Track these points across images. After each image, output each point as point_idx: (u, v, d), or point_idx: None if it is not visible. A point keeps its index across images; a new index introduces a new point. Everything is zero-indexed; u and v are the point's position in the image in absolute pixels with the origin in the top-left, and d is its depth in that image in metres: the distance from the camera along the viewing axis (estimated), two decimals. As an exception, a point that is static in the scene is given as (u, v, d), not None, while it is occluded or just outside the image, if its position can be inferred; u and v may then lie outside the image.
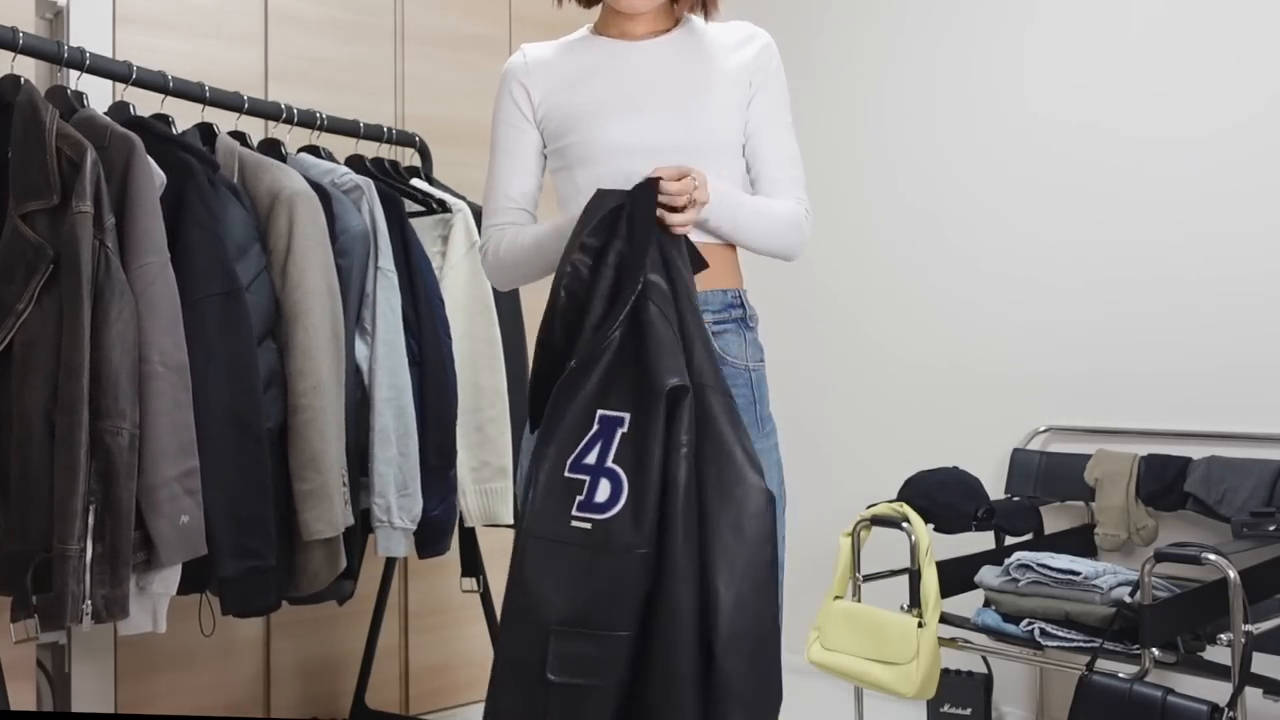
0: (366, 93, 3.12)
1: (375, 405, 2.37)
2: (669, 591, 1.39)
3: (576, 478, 1.44)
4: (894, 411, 3.43)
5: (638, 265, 1.51)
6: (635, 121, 1.70)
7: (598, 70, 1.76)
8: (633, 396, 1.46)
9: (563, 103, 1.76)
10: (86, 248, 1.87)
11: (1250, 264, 2.68)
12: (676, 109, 1.72)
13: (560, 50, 1.81)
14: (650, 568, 1.40)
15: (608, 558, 1.40)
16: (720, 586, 1.40)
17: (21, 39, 2.11)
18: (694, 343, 1.52)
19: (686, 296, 1.55)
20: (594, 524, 1.41)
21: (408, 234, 2.55)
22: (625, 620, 1.39)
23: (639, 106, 1.71)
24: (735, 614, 1.40)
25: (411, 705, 3.18)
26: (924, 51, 3.39)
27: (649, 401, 1.44)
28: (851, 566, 2.61)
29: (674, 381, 1.42)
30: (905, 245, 3.42)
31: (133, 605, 1.94)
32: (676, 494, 1.40)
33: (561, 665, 1.38)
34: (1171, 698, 2.06)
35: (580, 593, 1.40)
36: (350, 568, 2.30)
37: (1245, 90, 2.70)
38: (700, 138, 1.71)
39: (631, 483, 1.41)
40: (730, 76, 1.75)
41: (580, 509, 1.42)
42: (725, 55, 1.77)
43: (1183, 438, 2.75)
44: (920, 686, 2.36)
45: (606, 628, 1.39)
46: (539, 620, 1.40)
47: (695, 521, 1.42)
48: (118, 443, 1.85)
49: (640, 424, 1.44)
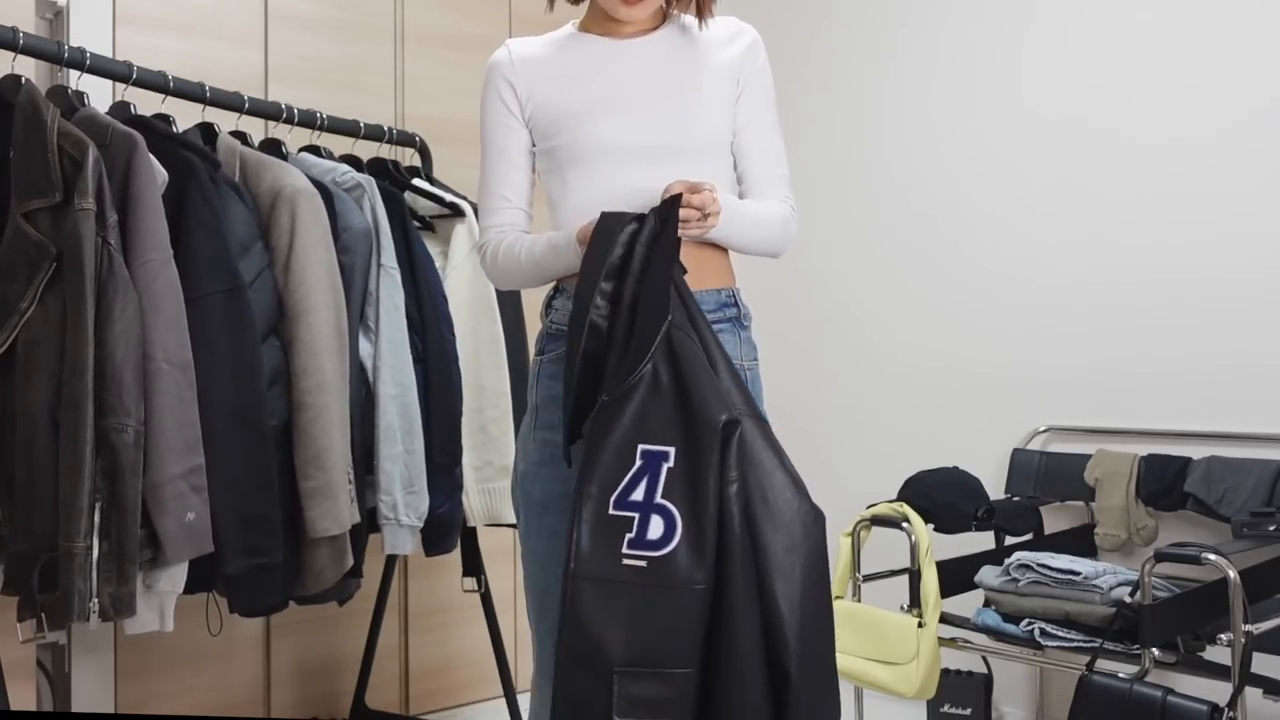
0: (366, 93, 3.12)
1: (380, 402, 2.37)
2: (732, 625, 1.38)
3: (624, 515, 1.42)
4: (894, 411, 3.44)
5: (663, 294, 1.50)
6: (626, 121, 1.70)
7: (586, 68, 1.75)
8: (676, 430, 1.44)
9: (551, 102, 1.75)
10: (89, 245, 1.87)
11: (1250, 264, 2.69)
12: (667, 108, 1.71)
13: (547, 47, 1.80)
14: (710, 602, 1.39)
15: (668, 594, 1.39)
16: (784, 610, 1.40)
17: (22, 39, 2.11)
18: (719, 367, 1.52)
19: (701, 317, 1.55)
20: (650, 561, 1.39)
21: (410, 232, 2.55)
22: (690, 657, 1.39)
23: (629, 106, 1.71)
24: (802, 636, 1.41)
25: (411, 705, 3.17)
26: (923, 51, 3.39)
27: (698, 435, 1.43)
28: (851, 566, 2.61)
29: (725, 416, 1.42)
30: (905, 245, 3.42)
31: (139, 603, 1.94)
32: (732, 525, 1.40)
33: (629, 706, 1.37)
34: (1171, 698, 2.06)
35: (642, 632, 1.39)
36: (355, 566, 2.30)
37: (1244, 90, 2.71)
38: (691, 137, 1.71)
39: (686, 517, 1.40)
40: (718, 74, 1.75)
41: (631, 546, 1.41)
42: (713, 52, 1.77)
43: (1183, 438, 2.76)
44: (920, 686, 2.36)
45: (672, 664, 1.38)
46: (601, 663, 1.39)
47: (750, 552, 1.41)
48: (123, 440, 1.85)
49: (690, 457, 1.42)
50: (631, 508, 1.42)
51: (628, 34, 1.76)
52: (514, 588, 3.40)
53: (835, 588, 2.58)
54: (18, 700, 2.29)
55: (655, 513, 1.41)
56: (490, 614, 2.82)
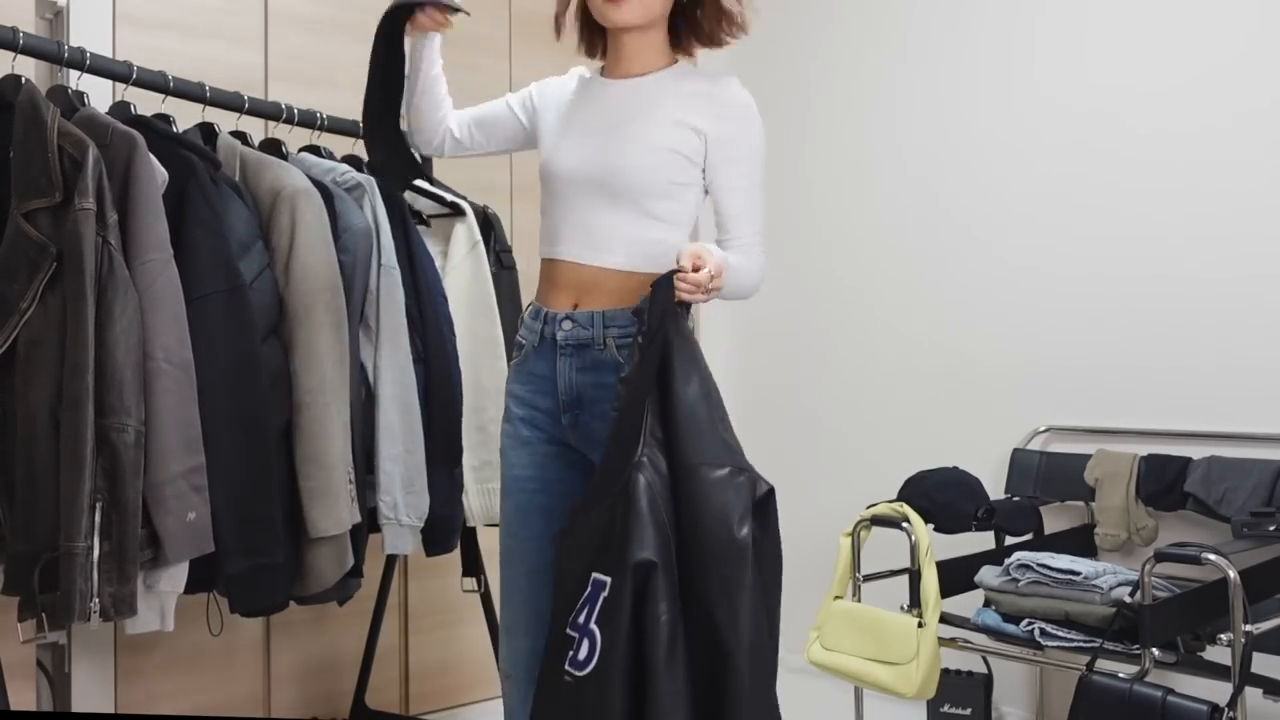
0: (366, 93, 3.12)
1: (380, 402, 2.37)
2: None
3: (571, 635, 1.61)
4: (894, 411, 3.44)
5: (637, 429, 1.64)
6: (571, 150, 1.88)
7: (578, 101, 1.94)
8: (615, 562, 1.58)
9: (545, 123, 1.98)
10: (89, 245, 1.86)
11: (1250, 264, 2.69)
12: (605, 144, 1.84)
13: (566, 85, 2.00)
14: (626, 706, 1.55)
15: (587, 709, 1.56)
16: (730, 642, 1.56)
17: (22, 39, 2.11)
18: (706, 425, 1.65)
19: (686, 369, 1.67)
20: (574, 679, 1.57)
21: (410, 232, 2.55)
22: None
23: (581, 135, 1.89)
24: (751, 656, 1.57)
25: (411, 705, 3.17)
26: (930, 51, 3.39)
27: (626, 572, 1.56)
28: (851, 566, 2.61)
29: (641, 557, 1.55)
30: (905, 246, 3.43)
31: (140, 603, 1.94)
32: (657, 656, 1.54)
33: None
34: (1171, 698, 2.06)
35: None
36: (355, 566, 2.30)
37: (1245, 91, 2.71)
38: (616, 174, 1.83)
39: (604, 642, 1.56)
40: (681, 124, 1.84)
41: (569, 664, 1.59)
42: (690, 104, 1.85)
43: (1183, 438, 2.76)
44: (920, 686, 2.36)
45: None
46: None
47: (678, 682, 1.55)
48: (123, 440, 1.85)
49: (617, 589, 1.57)
50: (576, 629, 1.60)
51: (620, 74, 1.90)
52: (514, 588, 3.40)
53: (835, 587, 2.59)
54: (18, 700, 2.29)
55: (586, 636, 1.58)
56: (490, 614, 2.82)
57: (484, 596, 2.81)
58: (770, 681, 1.64)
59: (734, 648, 1.55)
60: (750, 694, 1.55)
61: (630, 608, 1.54)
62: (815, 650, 2.55)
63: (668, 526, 1.60)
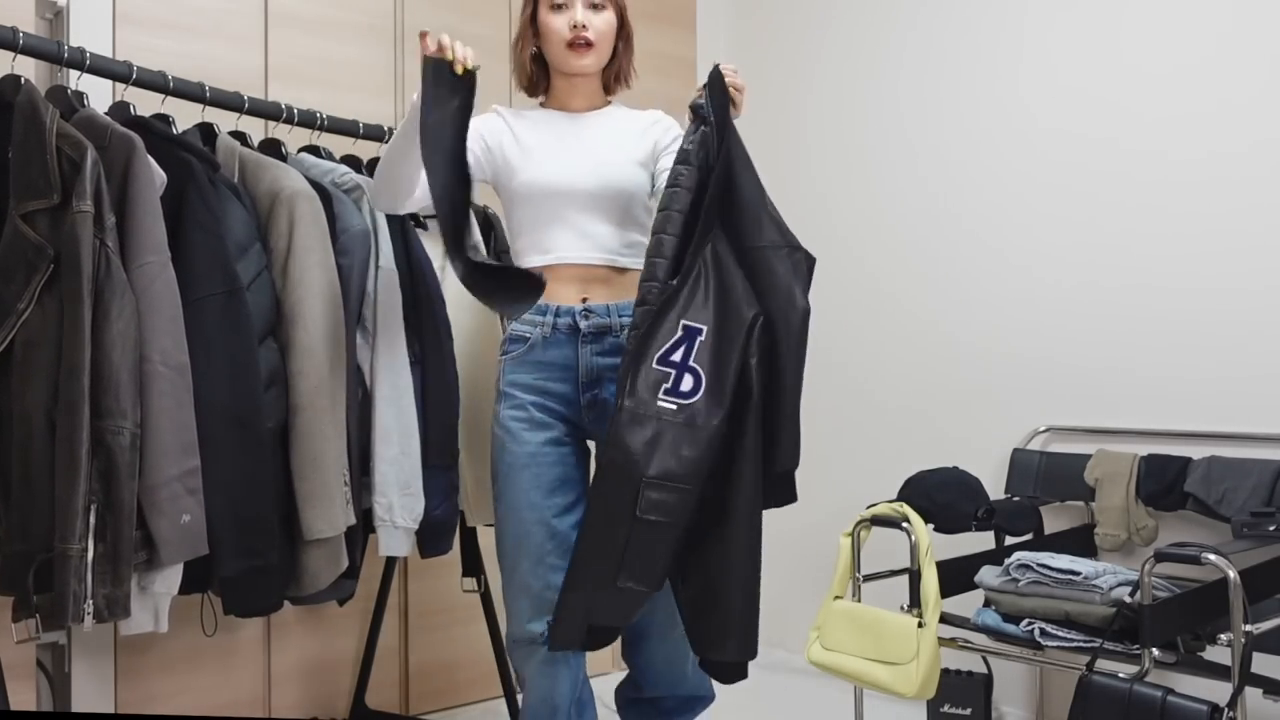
0: (366, 93, 3.12)
1: (376, 404, 2.37)
2: (742, 448, 1.91)
3: (663, 370, 1.90)
4: (894, 411, 3.44)
5: (711, 210, 1.96)
6: (561, 169, 2.12)
7: (547, 130, 2.20)
8: (711, 315, 1.92)
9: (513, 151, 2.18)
10: (87, 247, 1.87)
11: (1250, 264, 2.68)
12: (597, 163, 2.15)
13: (513, 119, 2.23)
14: (723, 441, 1.89)
15: (689, 431, 1.87)
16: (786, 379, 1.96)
17: (21, 39, 2.11)
18: (760, 210, 1.99)
19: (743, 159, 2.00)
20: (679, 406, 1.88)
21: (409, 233, 2.55)
22: (697, 478, 1.88)
23: (568, 156, 2.15)
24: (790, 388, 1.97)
25: (411, 705, 3.17)
26: (927, 50, 3.39)
27: (729, 322, 1.91)
28: (851, 566, 2.61)
29: (752, 312, 1.91)
30: (905, 246, 3.42)
31: (134, 605, 1.94)
32: (750, 387, 1.90)
33: (649, 507, 1.86)
34: (1171, 698, 2.06)
35: (666, 457, 1.86)
36: (351, 567, 2.30)
37: (1250, 103, 2.70)
38: (610, 187, 2.14)
39: (710, 378, 1.89)
40: (642, 145, 2.20)
41: (666, 394, 1.88)
42: (639, 131, 2.23)
43: (1183, 438, 2.75)
44: (920, 686, 2.36)
45: (684, 482, 1.87)
46: (634, 474, 1.86)
47: (759, 408, 1.92)
48: (119, 442, 1.85)
49: (720, 335, 1.91)
50: (670, 365, 1.90)
51: (575, 109, 2.23)
52: (514, 587, 3.40)
53: (835, 587, 2.59)
54: (18, 700, 2.29)
55: (687, 372, 1.89)
56: (490, 614, 2.83)
57: (484, 596, 2.82)
58: (798, 433, 1.99)
59: (785, 403, 1.95)
60: (788, 424, 1.95)
61: (740, 351, 1.89)
62: (815, 650, 2.55)
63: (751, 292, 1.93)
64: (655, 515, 1.86)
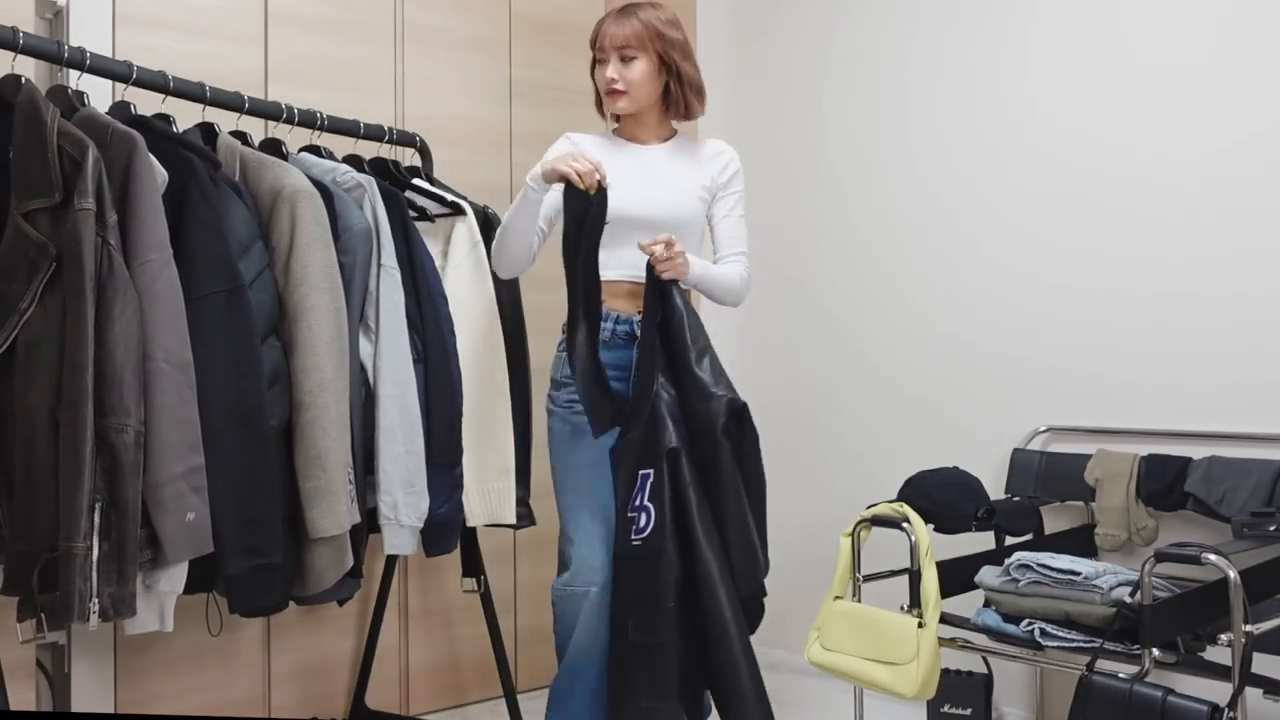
0: (366, 93, 3.12)
1: (380, 403, 2.37)
2: (702, 557, 2.22)
3: (632, 515, 2.25)
4: (894, 411, 3.44)
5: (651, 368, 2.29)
6: (620, 198, 2.30)
7: (614, 158, 2.43)
8: (651, 458, 2.25)
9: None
10: (89, 245, 1.87)
11: (1250, 266, 2.69)
12: (651, 194, 2.44)
13: (585, 145, 2.48)
14: (679, 554, 2.22)
15: (652, 559, 2.21)
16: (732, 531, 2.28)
17: (21, 39, 2.11)
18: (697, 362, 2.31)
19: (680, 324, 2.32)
20: (641, 541, 2.22)
21: (410, 232, 2.55)
22: (669, 595, 2.20)
23: (626, 186, 2.36)
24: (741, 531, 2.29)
25: (411, 705, 3.17)
26: (930, 52, 3.39)
27: (660, 458, 2.24)
28: (851, 566, 2.61)
29: (669, 446, 2.24)
30: (906, 246, 3.42)
31: (139, 604, 1.94)
32: (690, 510, 2.24)
33: (635, 629, 2.22)
34: (1171, 698, 2.06)
35: (640, 582, 2.22)
36: (355, 566, 2.30)
37: (1250, 105, 2.70)
38: (662, 215, 2.44)
39: (655, 512, 2.22)
40: (700, 178, 2.52)
41: (635, 533, 2.23)
42: (698, 162, 2.54)
43: (1183, 438, 2.75)
44: (920, 686, 2.36)
45: (659, 603, 2.20)
46: (622, 604, 2.25)
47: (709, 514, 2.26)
48: (123, 440, 1.85)
49: (658, 474, 2.24)
50: (634, 510, 2.25)
51: (640, 140, 2.53)
52: (513, 588, 3.40)
53: (836, 587, 2.59)
54: (18, 700, 2.29)
55: (643, 511, 2.23)
56: (490, 614, 2.83)
57: (484, 596, 2.82)
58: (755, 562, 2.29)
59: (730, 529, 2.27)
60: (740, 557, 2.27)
61: (669, 482, 2.22)
62: (815, 650, 2.55)
63: (682, 426, 2.27)
64: (644, 637, 2.20)
